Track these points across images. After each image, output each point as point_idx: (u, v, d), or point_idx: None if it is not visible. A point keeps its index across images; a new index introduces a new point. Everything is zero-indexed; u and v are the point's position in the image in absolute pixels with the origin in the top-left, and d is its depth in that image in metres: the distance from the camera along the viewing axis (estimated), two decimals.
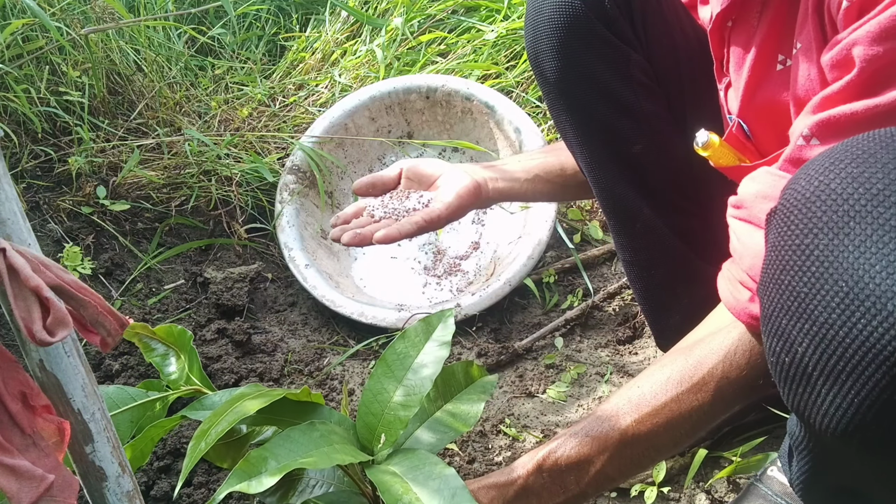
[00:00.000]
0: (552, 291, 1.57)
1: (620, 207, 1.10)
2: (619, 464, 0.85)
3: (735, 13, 0.82)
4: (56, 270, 0.58)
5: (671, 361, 0.84)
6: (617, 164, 1.07)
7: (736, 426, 1.22)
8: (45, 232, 1.58)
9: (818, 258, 0.57)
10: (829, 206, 0.57)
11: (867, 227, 0.55)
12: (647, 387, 0.84)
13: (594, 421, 0.86)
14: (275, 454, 0.78)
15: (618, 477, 0.88)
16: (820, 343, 0.57)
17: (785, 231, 0.60)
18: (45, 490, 0.56)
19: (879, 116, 0.64)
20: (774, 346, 0.62)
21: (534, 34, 1.03)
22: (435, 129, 1.80)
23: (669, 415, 0.82)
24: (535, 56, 1.04)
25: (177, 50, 1.92)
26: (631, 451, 0.85)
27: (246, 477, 0.75)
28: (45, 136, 1.70)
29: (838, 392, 0.56)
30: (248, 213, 1.71)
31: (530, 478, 0.88)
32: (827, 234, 0.57)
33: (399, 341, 0.93)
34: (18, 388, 0.58)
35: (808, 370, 0.58)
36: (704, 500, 1.16)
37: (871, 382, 0.54)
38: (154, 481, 1.20)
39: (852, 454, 0.62)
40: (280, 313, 1.58)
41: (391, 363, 0.92)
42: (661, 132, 1.05)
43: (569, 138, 1.08)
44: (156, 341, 0.98)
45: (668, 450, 0.87)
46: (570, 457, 0.86)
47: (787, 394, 0.62)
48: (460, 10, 2.07)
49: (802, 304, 0.58)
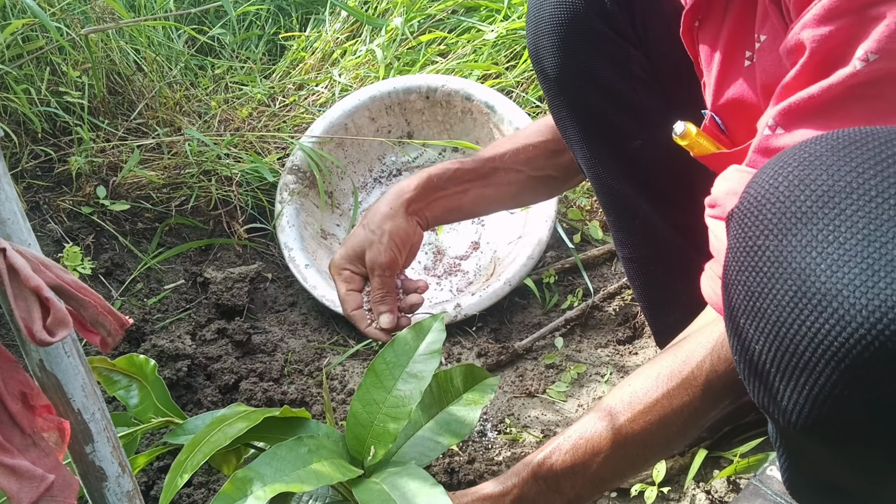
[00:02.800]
0: (552, 291, 1.57)
1: (619, 204, 1.10)
2: (613, 465, 0.85)
3: (702, 13, 0.83)
4: (56, 270, 0.58)
5: (661, 359, 0.85)
6: (616, 160, 1.07)
7: (736, 426, 1.22)
8: (45, 232, 1.58)
9: (769, 258, 0.59)
10: (778, 209, 0.59)
11: (812, 228, 0.56)
12: (639, 385, 0.84)
13: (587, 423, 0.86)
14: (261, 474, 0.76)
15: (613, 478, 0.88)
16: (773, 341, 0.58)
17: (740, 233, 0.62)
18: (45, 490, 0.56)
19: (838, 97, 0.65)
20: (735, 345, 0.64)
21: (535, 31, 1.03)
22: (435, 129, 1.80)
23: (661, 412, 0.82)
24: (535, 53, 1.05)
25: (177, 50, 1.92)
26: (625, 452, 0.85)
27: (231, 500, 0.73)
28: (45, 136, 1.70)
29: (794, 388, 0.58)
30: (248, 213, 1.71)
31: (526, 486, 0.88)
32: (777, 236, 0.58)
33: (388, 350, 0.90)
34: (18, 388, 0.58)
35: (766, 368, 0.60)
36: (704, 500, 1.16)
37: (823, 377, 0.55)
38: (154, 481, 1.20)
39: (819, 448, 0.63)
40: (280, 313, 1.58)
41: (380, 373, 0.89)
42: (661, 128, 1.05)
43: (569, 135, 1.09)
44: (117, 373, 0.95)
45: (661, 449, 0.87)
46: (565, 462, 0.86)
47: (752, 393, 0.64)
48: (460, 10, 2.07)
49: (756, 304, 0.59)
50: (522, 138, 1.19)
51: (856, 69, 0.63)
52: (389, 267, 1.07)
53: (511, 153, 1.16)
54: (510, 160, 1.16)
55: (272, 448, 0.80)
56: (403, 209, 1.09)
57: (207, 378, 1.39)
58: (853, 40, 0.63)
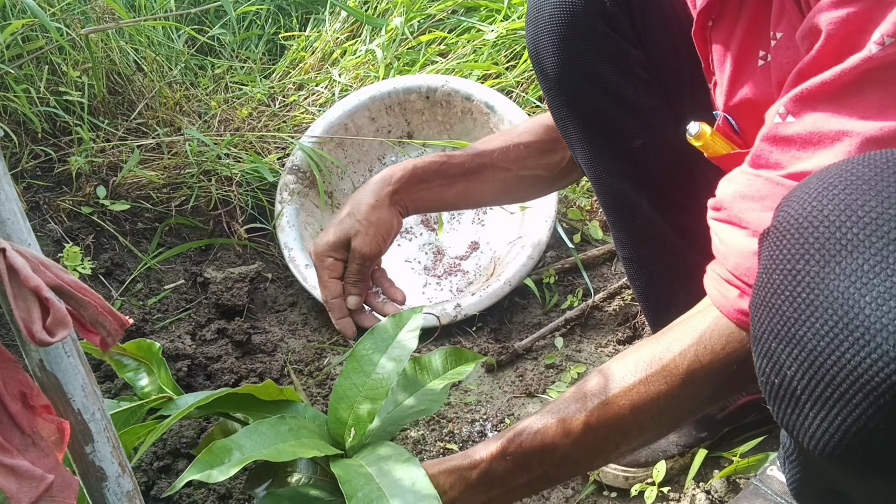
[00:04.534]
0: (552, 291, 1.57)
1: (620, 203, 1.10)
2: (583, 448, 0.84)
3: (715, 12, 0.82)
4: (56, 270, 0.58)
5: (643, 345, 0.84)
6: (617, 160, 1.07)
7: (736, 426, 1.22)
8: (45, 232, 1.58)
9: (808, 285, 0.57)
10: (822, 234, 0.57)
11: (859, 257, 0.55)
12: (617, 369, 0.83)
13: (561, 404, 0.86)
14: (240, 446, 0.81)
15: (583, 461, 0.88)
16: (808, 369, 0.57)
17: (777, 254, 0.60)
18: (45, 490, 0.56)
19: (852, 82, 0.64)
20: (764, 367, 0.62)
21: (535, 31, 1.03)
22: (435, 129, 1.80)
23: (636, 398, 0.81)
24: (535, 52, 1.05)
25: (177, 50, 1.92)
26: (595, 436, 0.84)
27: (208, 467, 0.77)
28: (45, 136, 1.70)
29: (825, 417, 0.57)
30: (248, 213, 1.71)
31: (494, 462, 0.88)
32: (819, 262, 0.57)
33: (368, 337, 0.97)
34: (18, 388, 0.58)
35: (796, 393, 0.59)
36: (704, 500, 1.16)
37: (858, 410, 0.54)
38: (154, 481, 1.20)
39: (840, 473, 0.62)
40: (280, 313, 1.58)
41: (360, 358, 0.95)
42: (661, 128, 1.06)
43: (569, 134, 1.09)
44: (127, 357, 1.00)
45: (634, 437, 0.85)
46: (535, 440, 0.86)
47: (776, 413, 0.63)
48: (460, 10, 2.07)
49: (792, 329, 0.58)
50: (514, 136, 1.18)
51: (871, 53, 0.62)
52: (371, 258, 1.08)
53: (501, 150, 1.16)
54: (499, 158, 1.16)
55: (254, 423, 0.85)
56: (388, 199, 1.10)
57: (207, 378, 1.39)
58: (869, 24, 0.62)
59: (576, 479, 1.22)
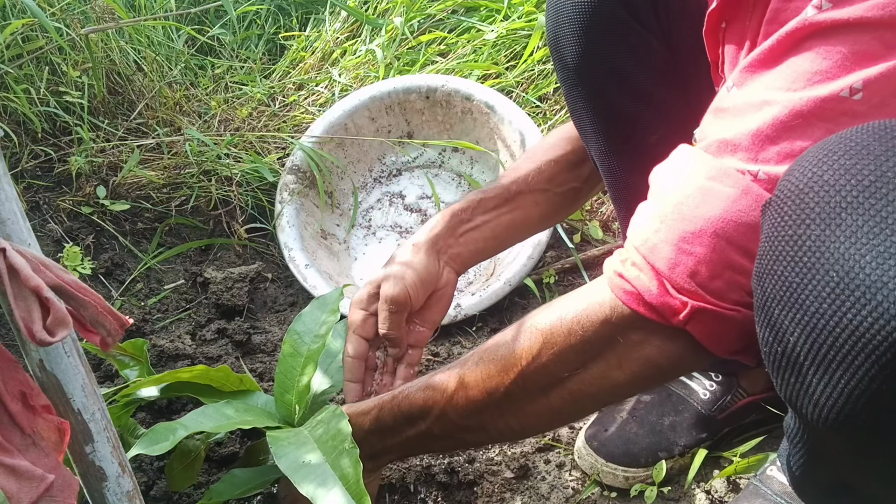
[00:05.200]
0: (552, 291, 1.57)
1: (633, 199, 1.09)
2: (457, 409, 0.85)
3: (729, 14, 0.82)
4: (56, 270, 0.58)
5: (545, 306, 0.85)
6: (632, 154, 1.05)
7: (736, 426, 1.22)
8: (45, 232, 1.58)
9: (810, 248, 0.57)
10: (822, 198, 0.57)
11: (858, 218, 0.55)
12: (509, 330, 0.84)
13: (450, 364, 0.87)
14: (184, 425, 0.92)
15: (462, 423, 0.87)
16: (811, 333, 0.57)
17: (778, 222, 0.61)
18: (45, 490, 0.56)
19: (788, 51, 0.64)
20: (767, 336, 0.62)
21: (555, 18, 1.01)
22: (435, 129, 1.80)
23: (506, 354, 0.81)
24: (555, 41, 1.02)
25: (177, 49, 1.92)
26: (465, 394, 0.84)
27: (154, 443, 0.89)
28: (45, 136, 1.70)
29: (828, 382, 0.57)
30: (248, 213, 1.71)
31: (383, 412, 0.90)
32: (819, 225, 0.57)
33: (297, 322, 1.09)
34: (18, 388, 0.58)
35: (799, 360, 0.59)
36: (704, 500, 1.16)
37: (861, 372, 0.54)
38: (154, 481, 1.20)
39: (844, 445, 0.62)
40: (280, 313, 1.58)
41: (294, 342, 1.07)
42: (680, 124, 1.04)
43: (584, 126, 1.07)
44: (125, 356, 1.12)
45: (502, 402, 0.84)
46: (417, 396, 0.87)
47: (779, 384, 0.63)
48: (460, 10, 2.07)
49: (794, 295, 0.58)
50: (540, 156, 1.16)
51: (807, 17, 0.62)
52: (397, 302, 1.00)
53: (534, 173, 1.13)
54: (534, 181, 1.13)
55: (201, 408, 0.98)
56: (430, 246, 1.05)
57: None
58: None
59: (576, 479, 1.22)
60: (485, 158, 1.76)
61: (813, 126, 0.64)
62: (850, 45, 0.62)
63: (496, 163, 1.73)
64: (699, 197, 0.70)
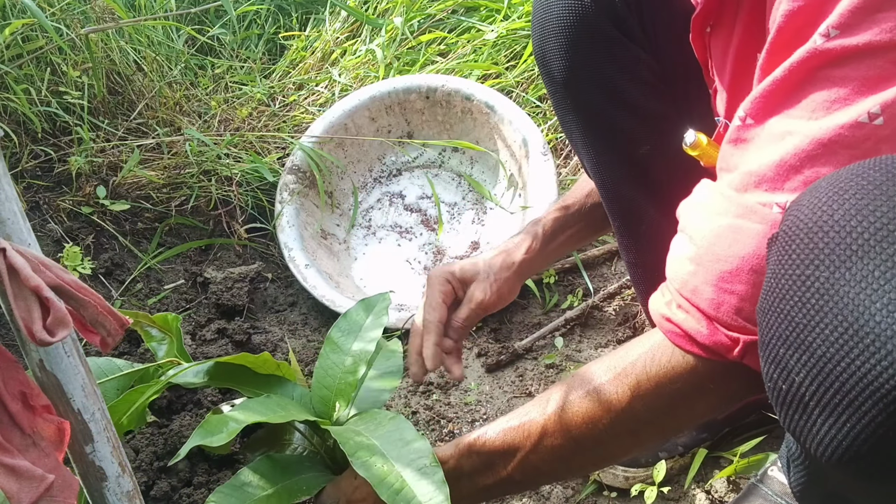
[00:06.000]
0: (552, 291, 1.57)
1: (626, 209, 1.09)
2: (542, 454, 0.85)
3: (713, 18, 0.81)
4: (56, 270, 0.58)
5: (606, 354, 0.85)
6: (623, 166, 1.06)
7: (736, 426, 1.22)
8: (45, 232, 1.58)
9: (818, 290, 0.56)
10: (832, 238, 0.56)
11: (870, 263, 0.54)
12: (579, 377, 0.84)
13: (528, 406, 0.87)
14: (235, 418, 0.93)
15: (544, 468, 0.88)
16: (817, 375, 0.57)
17: (785, 259, 0.60)
18: (45, 490, 0.56)
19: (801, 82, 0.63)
20: (771, 373, 0.62)
21: (541, 32, 1.01)
22: (435, 128, 1.80)
23: (589, 405, 0.81)
24: (541, 54, 1.03)
25: (177, 49, 1.92)
26: (551, 442, 0.84)
27: (210, 434, 0.89)
28: (45, 136, 1.70)
29: (834, 424, 0.56)
30: (248, 213, 1.71)
31: (462, 459, 0.90)
32: (829, 267, 0.56)
33: (342, 321, 1.10)
34: (18, 388, 0.58)
35: (804, 399, 0.58)
36: (704, 500, 1.16)
37: (868, 418, 0.54)
38: (154, 481, 1.20)
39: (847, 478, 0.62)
40: (280, 313, 1.59)
41: (336, 340, 1.08)
42: (669, 134, 1.04)
43: (574, 139, 1.07)
44: (154, 329, 1.13)
45: (589, 448, 0.85)
46: (499, 441, 0.87)
47: (783, 419, 0.62)
48: (460, 10, 2.07)
49: (801, 336, 0.58)
50: None
51: (816, 45, 0.61)
52: (484, 308, 1.09)
53: None
54: None
55: (245, 402, 0.99)
56: (521, 269, 1.12)
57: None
58: (819, 17, 0.62)
59: (576, 479, 1.22)
60: (485, 158, 1.76)
61: (836, 154, 0.63)
62: (864, 71, 0.61)
63: (496, 163, 1.73)
64: (730, 236, 0.70)
